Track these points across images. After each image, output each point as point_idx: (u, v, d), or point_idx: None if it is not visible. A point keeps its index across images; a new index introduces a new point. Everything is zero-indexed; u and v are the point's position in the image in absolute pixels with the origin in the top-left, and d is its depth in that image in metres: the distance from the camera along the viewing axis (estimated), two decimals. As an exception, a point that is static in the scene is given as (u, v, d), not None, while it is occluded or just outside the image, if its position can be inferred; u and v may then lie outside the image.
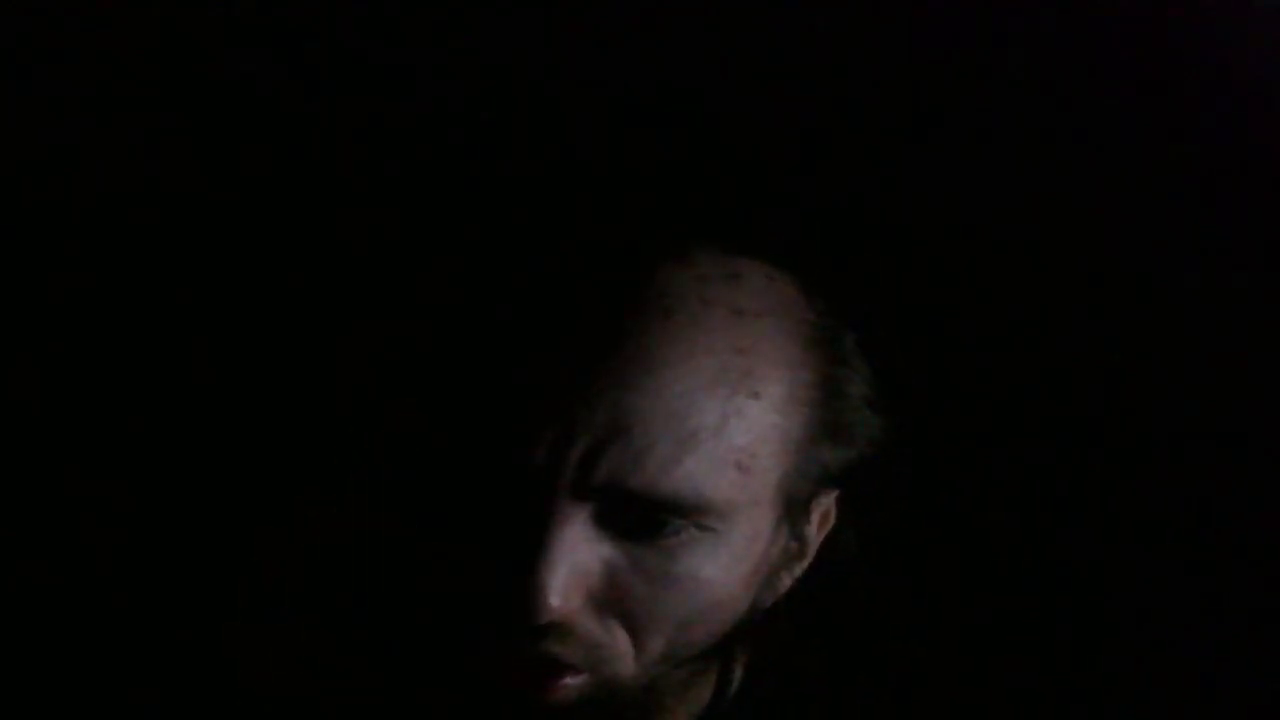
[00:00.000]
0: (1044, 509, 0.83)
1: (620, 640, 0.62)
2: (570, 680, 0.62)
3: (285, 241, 0.82)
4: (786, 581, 0.66)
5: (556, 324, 0.60)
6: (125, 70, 0.86)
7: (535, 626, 0.60)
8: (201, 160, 0.83)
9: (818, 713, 0.71)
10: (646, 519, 0.60)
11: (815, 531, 0.67)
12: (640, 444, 0.58)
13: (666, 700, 0.68)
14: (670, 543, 0.61)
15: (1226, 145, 0.84)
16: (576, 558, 0.59)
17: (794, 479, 0.63)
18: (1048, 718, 0.77)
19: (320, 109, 0.82)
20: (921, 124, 0.83)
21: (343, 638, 0.72)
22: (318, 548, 0.74)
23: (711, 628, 0.63)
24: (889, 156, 0.81)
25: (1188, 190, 0.85)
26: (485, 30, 0.80)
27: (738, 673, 0.70)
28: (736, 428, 0.60)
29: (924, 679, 0.75)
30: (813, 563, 0.67)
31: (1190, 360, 0.84)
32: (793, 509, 0.64)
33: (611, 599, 0.61)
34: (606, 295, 0.60)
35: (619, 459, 0.59)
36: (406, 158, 0.80)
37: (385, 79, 0.81)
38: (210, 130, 0.83)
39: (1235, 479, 0.82)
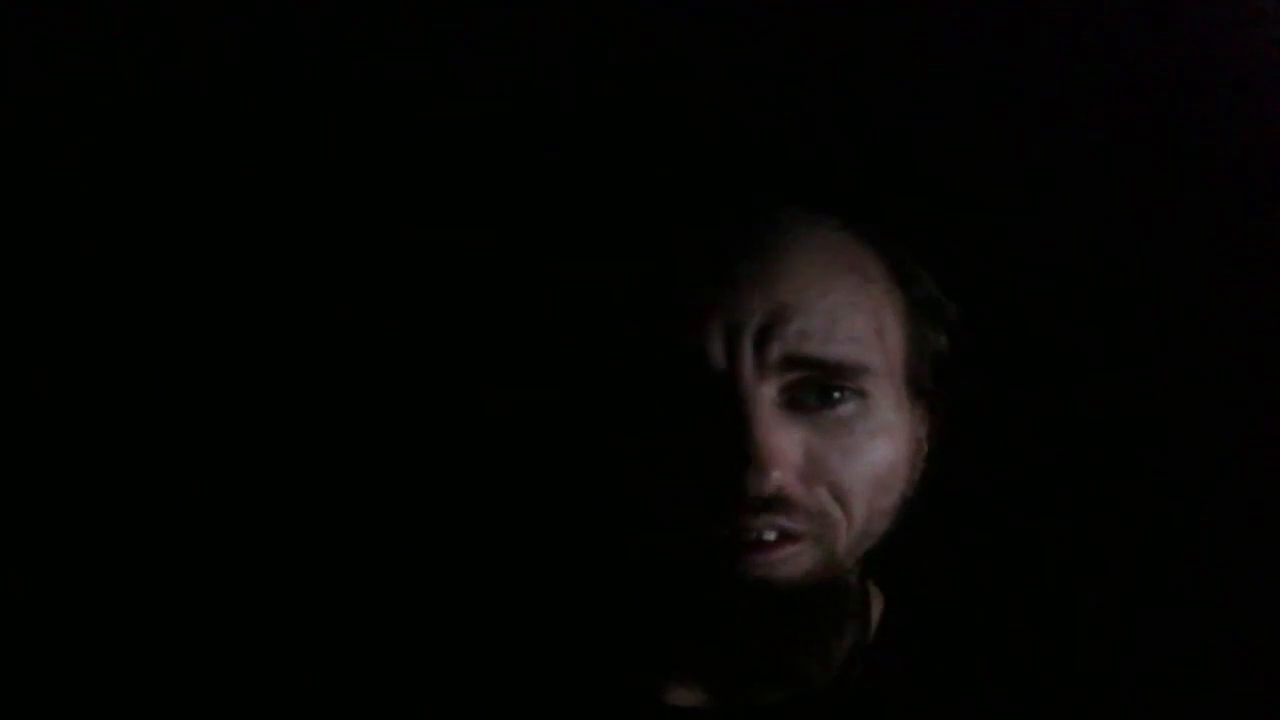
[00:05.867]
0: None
1: (834, 507, 0.70)
2: (792, 547, 0.69)
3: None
4: (914, 476, 0.75)
5: (712, 250, 0.70)
6: (129, 72, 0.86)
7: (763, 500, 0.67)
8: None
9: (948, 648, 0.79)
10: (819, 392, 0.69)
11: (925, 437, 0.76)
12: (799, 322, 0.69)
13: (845, 606, 0.75)
14: (842, 412, 0.70)
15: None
16: (778, 431, 0.68)
17: (911, 358, 0.74)
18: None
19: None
20: (927, 128, 0.89)
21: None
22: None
23: (890, 497, 0.72)
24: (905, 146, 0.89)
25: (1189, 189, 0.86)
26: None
27: (877, 609, 0.78)
28: (865, 303, 0.71)
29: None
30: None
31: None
32: (914, 392, 0.74)
33: (816, 470, 0.69)
34: (740, 227, 0.71)
35: (787, 336, 0.68)
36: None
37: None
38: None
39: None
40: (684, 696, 0.75)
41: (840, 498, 0.70)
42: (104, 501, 0.89)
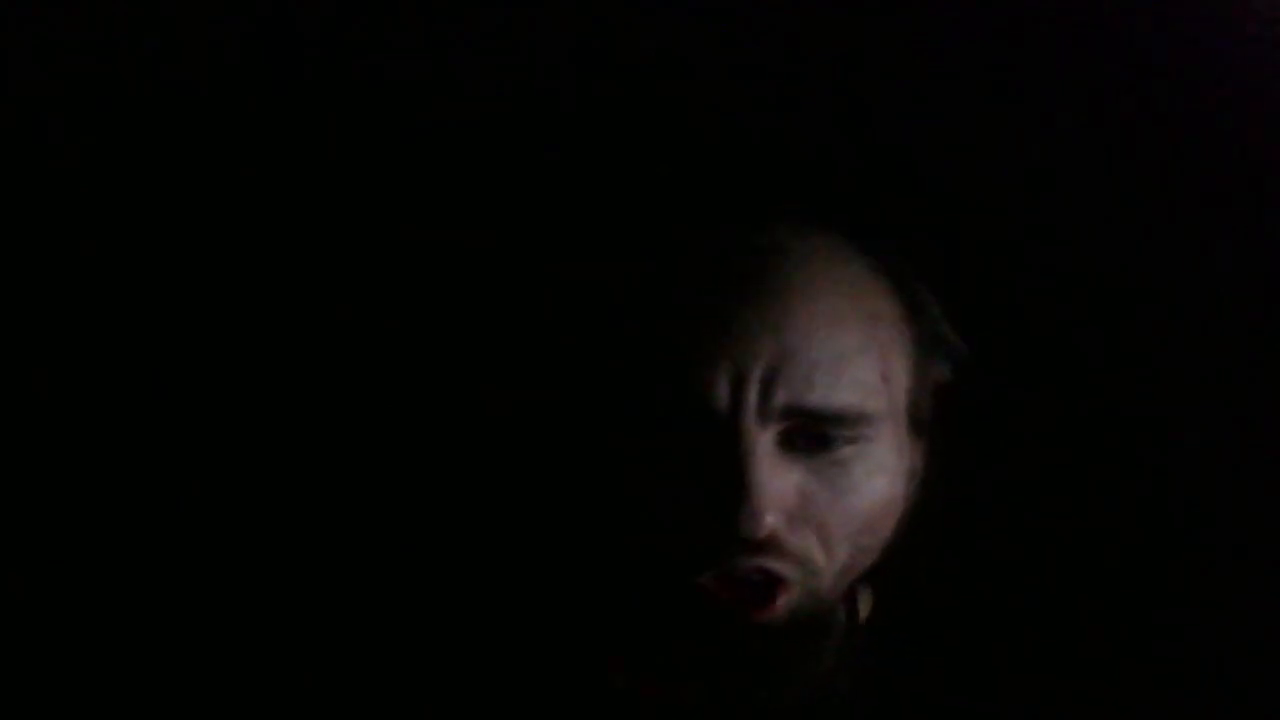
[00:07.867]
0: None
1: (818, 551, 0.70)
2: (783, 598, 0.69)
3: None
4: (907, 506, 0.74)
5: (719, 291, 0.69)
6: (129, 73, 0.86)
7: (754, 542, 0.67)
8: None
9: (939, 645, 0.80)
10: (819, 437, 0.69)
11: (921, 463, 0.75)
12: (805, 368, 0.68)
13: (830, 629, 0.75)
14: (840, 455, 0.69)
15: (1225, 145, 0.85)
16: (775, 477, 0.67)
17: (914, 394, 0.73)
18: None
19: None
20: (929, 129, 0.88)
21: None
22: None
23: (879, 535, 0.72)
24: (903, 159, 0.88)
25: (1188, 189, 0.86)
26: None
27: (866, 608, 0.79)
28: (872, 346, 0.70)
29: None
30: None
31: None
32: (915, 427, 0.74)
33: (806, 514, 0.69)
34: (751, 262, 0.70)
35: (792, 383, 0.67)
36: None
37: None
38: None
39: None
40: (676, 698, 0.74)
41: (825, 541, 0.70)
42: (104, 501, 0.89)
